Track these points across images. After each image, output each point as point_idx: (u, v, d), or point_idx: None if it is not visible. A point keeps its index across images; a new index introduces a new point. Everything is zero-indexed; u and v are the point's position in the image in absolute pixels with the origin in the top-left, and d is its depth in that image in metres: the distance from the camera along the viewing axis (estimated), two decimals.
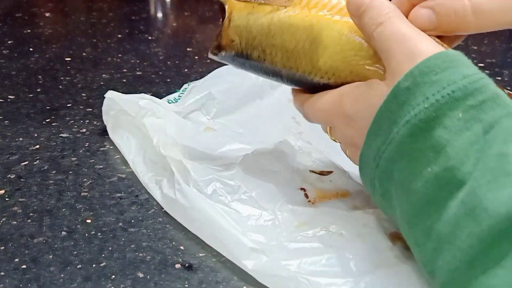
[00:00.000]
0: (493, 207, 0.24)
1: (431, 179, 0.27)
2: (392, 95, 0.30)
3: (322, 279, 0.33)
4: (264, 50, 0.38)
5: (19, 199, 0.44)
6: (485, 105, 0.27)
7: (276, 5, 0.38)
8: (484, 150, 0.26)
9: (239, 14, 0.39)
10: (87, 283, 0.35)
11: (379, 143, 0.30)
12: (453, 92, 0.27)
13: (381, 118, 0.30)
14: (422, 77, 0.28)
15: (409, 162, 0.29)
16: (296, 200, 0.42)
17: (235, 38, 0.39)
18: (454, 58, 0.29)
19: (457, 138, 0.27)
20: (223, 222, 0.37)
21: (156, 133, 0.47)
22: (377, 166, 0.31)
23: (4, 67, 0.76)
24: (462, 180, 0.26)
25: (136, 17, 1.12)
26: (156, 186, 0.44)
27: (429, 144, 0.28)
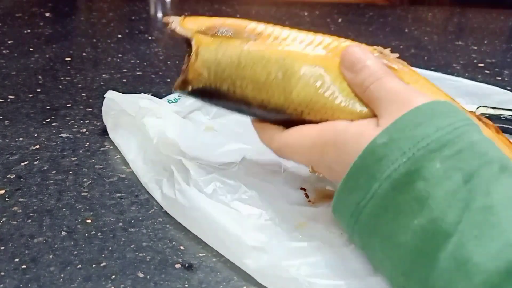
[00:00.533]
0: (484, 262, 0.24)
1: (418, 231, 0.28)
2: (368, 150, 0.30)
3: (323, 280, 0.33)
4: (234, 82, 0.37)
5: (19, 199, 0.44)
6: (462, 155, 0.28)
7: (245, 39, 0.38)
8: (468, 202, 0.27)
9: (207, 48, 0.38)
10: (87, 283, 0.35)
11: (357, 199, 0.31)
12: (428, 144, 0.29)
13: (357, 173, 0.31)
14: (398, 133, 0.30)
15: (394, 216, 0.29)
16: (296, 200, 0.42)
17: (203, 71, 0.38)
18: (427, 112, 0.30)
19: (437, 189, 0.28)
20: (224, 222, 0.37)
21: (156, 133, 0.47)
22: (357, 221, 0.31)
23: (4, 67, 0.76)
24: (448, 231, 0.26)
25: (136, 17, 1.12)
26: (156, 186, 0.44)
27: (413, 197, 0.28)
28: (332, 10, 1.26)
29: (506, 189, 0.27)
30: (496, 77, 0.79)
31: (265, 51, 0.37)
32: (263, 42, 0.37)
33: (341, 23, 1.13)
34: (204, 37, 0.38)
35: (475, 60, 0.88)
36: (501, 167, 0.28)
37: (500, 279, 0.24)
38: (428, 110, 0.30)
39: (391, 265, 0.30)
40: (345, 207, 0.32)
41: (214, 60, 0.38)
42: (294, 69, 0.36)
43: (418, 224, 0.28)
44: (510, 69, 0.83)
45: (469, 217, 0.26)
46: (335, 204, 0.33)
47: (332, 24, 1.13)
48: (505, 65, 0.86)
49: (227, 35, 0.38)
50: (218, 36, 0.38)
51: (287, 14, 1.18)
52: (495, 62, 0.87)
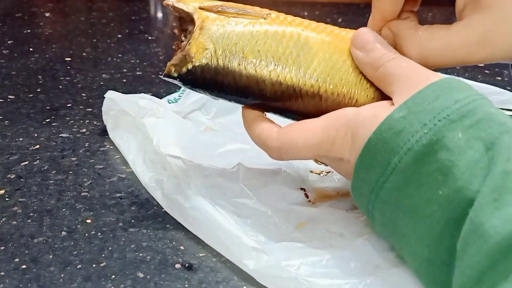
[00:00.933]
0: (500, 224, 0.24)
1: (444, 201, 0.28)
2: (385, 125, 0.30)
3: (323, 280, 0.33)
4: (247, 57, 0.35)
5: (19, 199, 0.44)
6: (481, 124, 0.28)
7: (254, 17, 0.36)
8: (489, 167, 0.27)
9: (213, 22, 0.35)
10: (87, 283, 0.34)
11: (376, 175, 0.31)
12: (448, 115, 0.29)
13: (373, 149, 0.31)
14: (416, 106, 0.30)
15: (418, 188, 0.29)
16: (296, 200, 0.42)
17: (209, 45, 0.35)
18: (444, 86, 0.31)
19: (460, 158, 0.28)
20: (223, 222, 0.37)
21: (156, 133, 0.47)
22: (377, 196, 0.31)
23: (4, 67, 0.76)
24: (473, 199, 0.27)
25: (136, 17, 1.12)
26: (156, 186, 0.44)
27: (436, 167, 0.28)
28: (332, 10, 1.25)
29: None
30: (496, 77, 0.79)
31: (278, 28, 0.36)
32: (273, 21, 0.36)
33: (341, 23, 1.13)
34: (208, 13, 0.36)
35: None
36: None
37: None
38: (446, 85, 0.31)
39: (416, 237, 0.30)
40: (363, 184, 0.32)
41: (222, 34, 0.35)
42: (309, 45, 0.35)
43: (443, 194, 0.28)
44: (510, 69, 0.83)
45: (489, 181, 0.26)
46: (353, 182, 0.33)
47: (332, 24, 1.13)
48: (505, 65, 0.86)
49: (235, 12, 0.36)
50: (225, 12, 0.36)
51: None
52: (495, 62, 0.87)
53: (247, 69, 0.35)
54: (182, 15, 0.37)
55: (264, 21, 0.36)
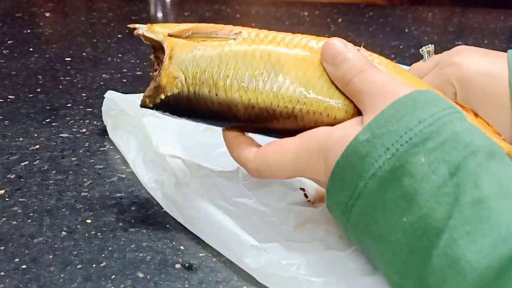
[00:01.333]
0: (476, 259, 0.24)
1: (409, 229, 0.27)
2: (351, 148, 0.30)
3: (323, 279, 0.33)
4: (216, 83, 0.35)
5: (19, 199, 0.44)
6: (446, 146, 0.27)
7: (224, 38, 0.35)
8: (457, 196, 0.26)
9: (182, 50, 0.35)
10: (87, 283, 0.35)
11: (344, 198, 0.30)
12: (411, 139, 0.28)
13: (341, 172, 0.30)
14: (380, 128, 0.29)
15: (383, 214, 0.29)
16: (296, 200, 0.42)
17: (179, 74, 0.35)
18: (408, 103, 0.29)
19: (424, 185, 0.27)
20: (223, 221, 0.37)
21: (156, 133, 0.47)
22: (348, 220, 0.31)
23: (4, 67, 0.76)
24: (438, 227, 0.26)
25: (136, 17, 1.12)
26: (156, 186, 0.44)
27: (399, 194, 0.28)
28: (332, 10, 1.26)
29: (495, 177, 0.26)
30: None
31: (248, 49, 0.35)
32: (244, 41, 0.35)
33: (341, 23, 1.13)
34: (177, 40, 0.36)
35: None
36: (489, 154, 0.27)
37: (494, 276, 0.23)
38: (410, 102, 0.30)
39: (384, 263, 0.30)
40: (335, 206, 0.32)
41: (191, 61, 0.35)
42: (280, 65, 0.35)
43: (408, 222, 0.27)
44: None
45: (459, 212, 0.25)
46: (327, 203, 0.33)
47: (332, 24, 1.13)
48: None
49: (203, 36, 0.35)
50: (193, 37, 0.35)
51: (287, 14, 1.18)
52: None
53: (218, 95, 0.35)
54: (153, 43, 0.37)
55: (234, 42, 0.35)
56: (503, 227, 0.24)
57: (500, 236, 0.24)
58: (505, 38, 1.07)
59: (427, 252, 0.26)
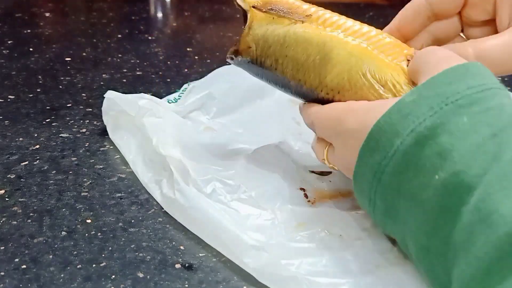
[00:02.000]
0: (510, 213, 0.23)
1: (440, 187, 0.27)
2: (395, 108, 0.30)
3: (322, 279, 0.33)
4: (277, 59, 0.40)
5: (19, 199, 0.44)
6: (491, 112, 0.27)
7: (295, 19, 0.39)
8: (496, 154, 0.25)
9: (259, 23, 0.40)
10: (87, 283, 0.35)
11: (378, 158, 0.30)
12: (457, 100, 0.28)
13: (379, 131, 0.30)
14: (427, 91, 0.29)
15: (416, 172, 0.28)
16: (296, 200, 0.42)
17: (252, 45, 0.40)
18: (460, 72, 0.30)
19: (462, 142, 0.27)
20: (223, 221, 0.37)
21: (156, 133, 0.47)
22: (379, 181, 0.30)
23: (4, 67, 0.76)
24: (471, 185, 0.25)
25: (136, 17, 1.12)
26: (156, 186, 0.44)
27: (435, 151, 0.27)
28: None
29: None
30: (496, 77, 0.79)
31: (308, 34, 0.39)
32: (310, 24, 0.39)
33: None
34: (259, 13, 0.40)
35: None
36: None
37: None
38: (462, 70, 0.30)
39: (414, 225, 0.29)
40: (366, 169, 0.31)
41: (262, 36, 0.40)
42: (331, 55, 0.38)
43: (440, 179, 0.27)
44: None
45: (497, 168, 0.25)
46: (356, 168, 0.32)
47: None
48: None
49: (279, 13, 0.40)
50: (271, 13, 0.40)
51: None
52: None
53: (277, 70, 0.40)
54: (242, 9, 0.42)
55: (300, 25, 0.39)
56: None
57: None
58: None
59: (458, 209, 0.26)
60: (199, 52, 0.87)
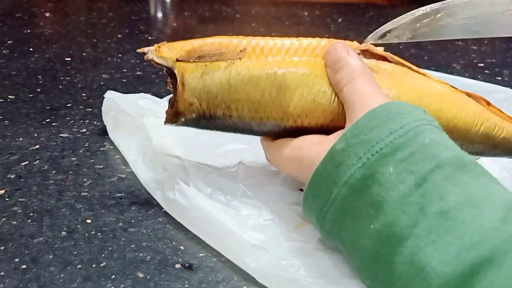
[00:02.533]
0: (441, 266, 0.25)
1: (374, 236, 0.28)
2: (328, 156, 0.31)
3: (322, 280, 0.33)
4: (229, 106, 0.37)
5: (19, 199, 0.44)
6: (414, 157, 0.28)
7: (230, 59, 0.37)
8: (422, 206, 0.27)
9: (192, 76, 0.37)
10: (87, 283, 0.35)
11: (320, 204, 0.31)
12: (381, 149, 0.29)
13: (319, 179, 0.31)
14: (354, 138, 0.30)
15: (353, 221, 0.29)
16: (296, 201, 0.42)
17: (193, 101, 0.37)
18: (381, 114, 0.31)
19: (391, 193, 0.28)
20: (223, 221, 0.37)
21: (156, 133, 0.47)
22: (322, 226, 0.32)
23: (4, 67, 0.76)
24: (402, 235, 0.27)
25: (136, 17, 1.13)
26: (156, 186, 0.44)
27: (369, 202, 0.29)
28: (332, 10, 1.26)
29: (461, 189, 0.27)
30: (496, 77, 0.79)
31: (253, 70, 0.36)
32: (250, 59, 0.37)
33: (341, 23, 1.13)
34: (186, 64, 0.37)
35: (475, 60, 0.88)
36: (457, 165, 0.28)
37: (457, 283, 0.24)
38: (383, 112, 0.31)
39: (356, 268, 0.31)
40: (311, 212, 0.33)
41: (203, 88, 0.37)
42: (287, 83, 0.36)
43: (374, 229, 0.28)
44: (510, 69, 0.83)
45: (424, 222, 0.26)
46: (304, 210, 0.34)
47: (332, 24, 1.13)
48: (505, 65, 0.86)
49: (210, 59, 0.37)
50: (200, 61, 0.37)
51: (287, 14, 1.18)
52: (495, 62, 0.88)
53: (232, 117, 0.37)
54: (164, 67, 0.38)
55: (240, 63, 0.36)
56: (467, 237, 0.25)
57: (464, 245, 0.25)
58: (505, 38, 1.07)
59: (391, 259, 0.27)
60: None
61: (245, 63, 0.37)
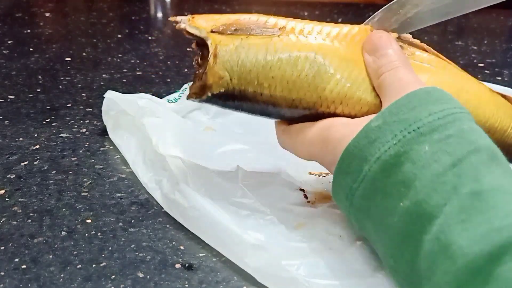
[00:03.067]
0: (468, 245, 0.24)
1: (404, 214, 0.28)
2: (363, 133, 0.31)
3: (322, 280, 0.33)
4: (261, 84, 0.35)
5: (19, 199, 0.44)
6: (451, 140, 0.28)
7: (268, 36, 0.35)
8: (456, 186, 0.27)
9: (226, 48, 0.35)
10: (87, 283, 0.35)
11: (350, 182, 0.31)
12: (419, 128, 0.29)
13: (350, 156, 0.31)
14: (391, 116, 0.30)
15: (383, 198, 0.29)
16: (296, 201, 0.42)
17: (224, 74, 0.35)
18: (422, 96, 0.31)
19: (424, 171, 0.28)
20: (223, 221, 0.37)
21: (155, 133, 0.47)
22: (351, 204, 0.32)
23: (4, 67, 0.76)
24: (432, 214, 0.26)
25: (136, 17, 1.13)
26: (156, 186, 0.44)
27: (400, 179, 0.28)
28: (332, 10, 1.26)
29: (494, 177, 0.27)
30: (496, 77, 0.79)
31: (293, 48, 0.35)
32: (288, 37, 0.35)
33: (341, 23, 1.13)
34: (220, 36, 0.35)
35: (475, 60, 0.88)
36: (490, 156, 0.28)
37: (484, 262, 0.24)
38: (424, 95, 0.31)
39: (382, 247, 0.30)
40: (341, 189, 0.32)
41: (236, 61, 0.35)
42: (326, 66, 0.35)
43: (404, 207, 0.28)
44: (510, 69, 0.83)
45: (456, 201, 0.26)
46: (333, 189, 0.33)
47: None
48: (505, 65, 0.86)
49: (247, 33, 0.35)
50: (236, 35, 0.35)
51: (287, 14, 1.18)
52: (495, 62, 0.88)
53: (263, 95, 0.35)
54: (196, 39, 0.37)
55: (278, 40, 0.35)
56: (497, 220, 0.24)
57: (494, 226, 0.24)
58: (505, 38, 1.07)
59: (420, 237, 0.27)
60: None
61: (283, 40, 0.35)
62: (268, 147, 0.48)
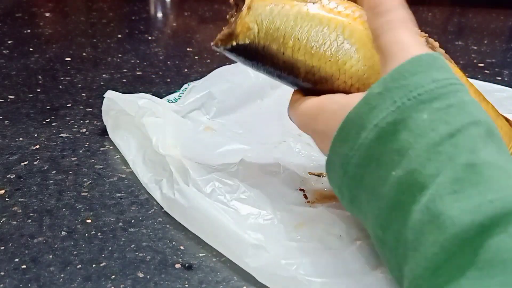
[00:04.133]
0: (459, 215, 0.24)
1: (395, 183, 0.27)
2: (364, 100, 0.30)
3: (322, 279, 0.33)
4: (286, 43, 0.35)
5: (19, 199, 0.44)
6: (451, 109, 0.27)
7: (304, 0, 0.36)
8: (452, 156, 0.26)
9: (262, 3, 0.36)
10: (87, 283, 0.35)
11: (346, 150, 0.30)
12: (419, 95, 0.28)
13: (350, 123, 0.30)
14: (393, 82, 0.29)
15: (377, 167, 0.28)
16: (295, 201, 0.42)
17: (254, 26, 0.36)
18: (426, 62, 0.29)
19: (420, 140, 0.27)
20: (223, 221, 0.37)
21: (155, 133, 0.47)
22: (345, 172, 0.31)
23: (4, 67, 0.76)
24: (424, 184, 0.26)
25: (136, 17, 1.13)
26: (156, 186, 0.44)
27: (395, 147, 0.27)
28: None
29: (491, 152, 0.26)
30: (496, 77, 0.79)
31: (324, 16, 0.35)
32: (322, 6, 0.36)
33: None
34: None
35: (475, 60, 0.88)
36: (488, 131, 0.27)
37: (474, 232, 0.23)
38: (429, 60, 0.29)
39: (372, 217, 0.29)
40: (336, 157, 0.31)
41: (268, 16, 0.35)
42: (351, 41, 0.35)
43: (396, 176, 0.27)
44: (510, 69, 0.83)
45: (450, 171, 0.25)
46: (328, 156, 0.32)
47: None
48: (505, 65, 0.86)
49: None
50: None
51: None
52: (495, 62, 0.88)
53: (285, 54, 0.36)
54: None
55: (312, 6, 0.35)
56: (490, 193, 0.24)
57: (486, 198, 0.24)
58: (505, 38, 1.07)
59: (409, 208, 0.26)
60: (199, 52, 0.87)
61: (317, 7, 0.36)
62: (268, 147, 0.49)
